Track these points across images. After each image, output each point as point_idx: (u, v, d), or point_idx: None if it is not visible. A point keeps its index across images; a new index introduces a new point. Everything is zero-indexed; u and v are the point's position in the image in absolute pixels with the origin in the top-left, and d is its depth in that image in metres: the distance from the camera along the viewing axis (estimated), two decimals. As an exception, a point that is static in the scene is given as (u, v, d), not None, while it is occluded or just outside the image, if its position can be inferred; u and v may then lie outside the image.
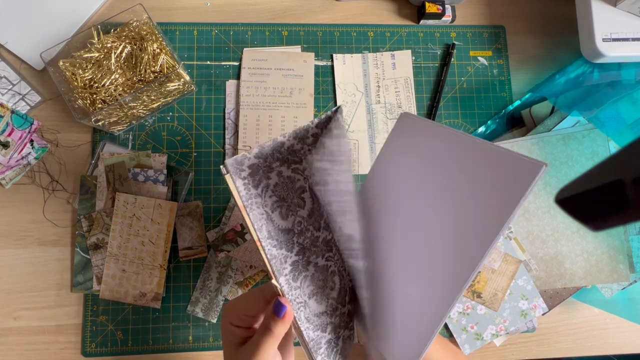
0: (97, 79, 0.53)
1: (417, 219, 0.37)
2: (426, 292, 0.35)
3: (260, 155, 0.35)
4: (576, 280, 0.59)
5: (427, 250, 0.36)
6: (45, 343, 0.55)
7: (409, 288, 0.37)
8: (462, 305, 0.57)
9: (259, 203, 0.35)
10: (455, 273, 0.33)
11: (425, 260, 0.36)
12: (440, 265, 0.34)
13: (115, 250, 0.55)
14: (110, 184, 0.56)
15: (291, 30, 0.63)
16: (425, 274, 0.35)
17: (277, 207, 0.36)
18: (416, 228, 0.37)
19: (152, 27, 0.54)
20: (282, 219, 0.36)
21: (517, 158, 0.31)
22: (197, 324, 0.56)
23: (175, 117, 0.60)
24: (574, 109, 0.59)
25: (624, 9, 0.57)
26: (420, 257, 0.36)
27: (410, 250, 0.37)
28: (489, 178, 0.32)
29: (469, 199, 0.33)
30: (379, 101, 0.62)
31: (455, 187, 0.34)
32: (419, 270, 0.36)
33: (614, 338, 0.61)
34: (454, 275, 0.33)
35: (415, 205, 0.38)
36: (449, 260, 0.34)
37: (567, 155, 0.60)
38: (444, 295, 0.33)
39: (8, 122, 0.54)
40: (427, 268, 0.35)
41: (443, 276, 0.34)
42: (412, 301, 0.37)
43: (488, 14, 0.66)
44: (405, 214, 0.38)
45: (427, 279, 0.35)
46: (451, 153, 0.35)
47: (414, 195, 0.38)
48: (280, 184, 0.37)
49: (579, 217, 0.21)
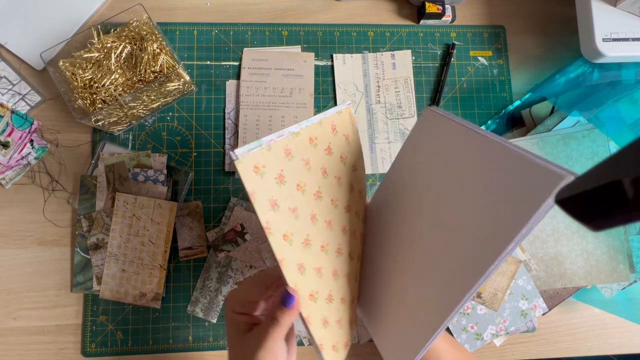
0: (97, 79, 0.53)
1: (431, 221, 0.36)
2: (427, 296, 0.35)
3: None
4: (576, 280, 0.59)
5: (435, 255, 0.35)
6: (45, 343, 0.55)
7: (411, 289, 0.37)
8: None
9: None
10: (457, 284, 0.32)
11: (432, 265, 0.35)
12: (447, 273, 0.33)
13: (115, 250, 0.55)
14: (110, 184, 0.56)
15: (291, 30, 0.63)
16: (430, 278, 0.35)
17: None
18: (429, 231, 0.36)
19: (152, 27, 0.54)
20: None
21: (535, 164, 0.27)
22: (197, 324, 0.56)
23: (175, 117, 0.60)
24: (574, 109, 0.59)
25: (624, 9, 0.57)
26: (427, 259, 0.36)
27: (419, 252, 0.37)
28: (505, 185, 0.29)
29: (486, 206, 0.31)
30: (379, 101, 0.62)
31: (471, 191, 0.32)
32: (425, 273, 0.36)
33: (614, 338, 0.61)
34: (456, 286, 0.32)
35: (431, 206, 0.36)
36: (455, 270, 0.32)
37: (567, 155, 0.60)
38: (443, 305, 0.32)
39: (8, 122, 0.54)
40: (433, 272, 0.35)
41: (444, 286, 0.33)
42: (411, 305, 0.37)
43: (488, 14, 0.66)
44: (419, 214, 0.38)
45: (431, 283, 0.35)
46: (469, 154, 0.33)
47: (430, 196, 0.37)
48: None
49: (579, 217, 0.21)
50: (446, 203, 0.35)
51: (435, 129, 0.38)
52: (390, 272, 0.40)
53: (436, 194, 0.36)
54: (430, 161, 0.38)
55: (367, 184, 0.60)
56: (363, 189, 0.46)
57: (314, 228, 0.38)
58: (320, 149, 0.39)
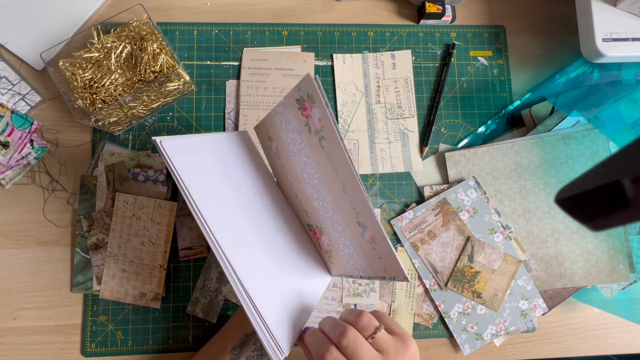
0: (97, 79, 0.53)
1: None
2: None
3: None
4: (576, 280, 0.59)
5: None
6: (45, 343, 0.55)
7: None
8: (462, 305, 0.57)
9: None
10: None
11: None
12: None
13: (115, 250, 0.55)
14: (110, 184, 0.56)
15: (291, 30, 0.63)
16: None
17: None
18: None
19: (152, 27, 0.54)
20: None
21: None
22: (197, 324, 0.56)
23: (175, 117, 0.60)
24: (574, 109, 0.59)
25: (624, 9, 0.57)
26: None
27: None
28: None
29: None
30: (379, 101, 0.62)
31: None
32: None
33: (614, 338, 0.61)
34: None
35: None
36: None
37: (567, 155, 0.60)
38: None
39: (8, 122, 0.54)
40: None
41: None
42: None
43: (488, 14, 0.66)
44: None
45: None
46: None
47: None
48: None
49: (579, 217, 0.21)
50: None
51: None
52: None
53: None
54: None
55: (367, 184, 0.60)
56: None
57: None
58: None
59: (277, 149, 0.47)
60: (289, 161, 0.46)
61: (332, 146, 0.38)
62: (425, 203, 0.59)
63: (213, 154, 0.44)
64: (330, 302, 0.57)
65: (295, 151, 0.44)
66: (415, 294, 0.58)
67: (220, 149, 0.45)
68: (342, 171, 0.39)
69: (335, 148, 0.38)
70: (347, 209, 0.41)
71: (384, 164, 0.61)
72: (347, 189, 0.40)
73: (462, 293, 0.57)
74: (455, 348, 0.58)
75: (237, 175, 0.46)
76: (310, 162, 0.42)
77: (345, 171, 0.39)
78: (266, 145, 0.50)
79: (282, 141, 0.45)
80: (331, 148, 0.39)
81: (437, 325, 0.58)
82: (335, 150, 0.38)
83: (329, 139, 0.38)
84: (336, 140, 0.38)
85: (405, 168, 0.61)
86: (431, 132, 0.61)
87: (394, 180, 0.61)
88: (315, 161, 0.42)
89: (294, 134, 0.43)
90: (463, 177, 0.60)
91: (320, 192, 0.44)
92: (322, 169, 0.41)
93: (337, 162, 0.39)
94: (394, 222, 0.59)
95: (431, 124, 0.62)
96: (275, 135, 0.46)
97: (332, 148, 0.39)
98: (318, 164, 0.42)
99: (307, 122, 0.40)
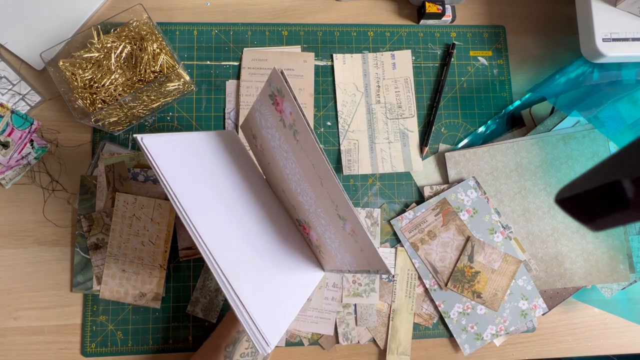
0: (97, 79, 0.53)
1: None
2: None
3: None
4: (576, 280, 0.59)
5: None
6: (45, 343, 0.55)
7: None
8: (462, 305, 0.57)
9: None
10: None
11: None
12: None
13: (115, 250, 0.55)
14: (110, 184, 0.56)
15: (291, 30, 0.63)
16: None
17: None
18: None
19: (152, 27, 0.54)
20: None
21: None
22: (197, 324, 0.56)
23: (175, 117, 0.60)
24: (574, 109, 0.59)
25: (624, 9, 0.57)
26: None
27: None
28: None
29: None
30: (379, 101, 0.62)
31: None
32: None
33: (614, 338, 0.61)
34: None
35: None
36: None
37: (567, 155, 0.60)
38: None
39: (8, 122, 0.54)
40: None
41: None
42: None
43: (488, 14, 0.66)
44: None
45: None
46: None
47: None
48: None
49: (579, 217, 0.21)
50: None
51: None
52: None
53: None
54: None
55: (367, 184, 0.60)
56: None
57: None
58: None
59: (261, 146, 0.47)
60: (273, 158, 0.46)
61: (305, 139, 0.39)
62: (425, 203, 0.59)
63: (196, 152, 0.44)
64: (330, 302, 0.57)
65: (276, 147, 0.44)
66: (415, 294, 0.58)
67: (203, 148, 0.45)
68: (318, 164, 0.39)
69: (308, 141, 0.38)
70: (328, 202, 0.41)
71: (384, 164, 0.61)
72: (324, 182, 0.40)
73: (462, 293, 0.57)
74: (455, 348, 0.59)
75: (221, 173, 0.46)
76: (290, 157, 0.42)
77: (320, 164, 0.39)
78: (252, 143, 0.50)
79: (264, 138, 0.45)
80: (304, 141, 0.39)
81: (437, 325, 0.58)
82: (308, 143, 0.38)
83: (301, 133, 0.39)
84: (307, 133, 0.38)
85: (405, 168, 0.61)
86: (431, 132, 0.61)
87: (394, 180, 0.61)
88: (294, 156, 0.42)
89: (273, 130, 0.43)
90: (463, 177, 0.60)
91: (302, 187, 0.44)
92: (300, 164, 0.41)
93: (312, 156, 0.39)
94: (394, 222, 0.59)
95: (431, 124, 0.62)
96: (258, 133, 0.46)
97: (305, 141, 0.39)
98: (297, 159, 0.42)
99: (281, 117, 0.40)
